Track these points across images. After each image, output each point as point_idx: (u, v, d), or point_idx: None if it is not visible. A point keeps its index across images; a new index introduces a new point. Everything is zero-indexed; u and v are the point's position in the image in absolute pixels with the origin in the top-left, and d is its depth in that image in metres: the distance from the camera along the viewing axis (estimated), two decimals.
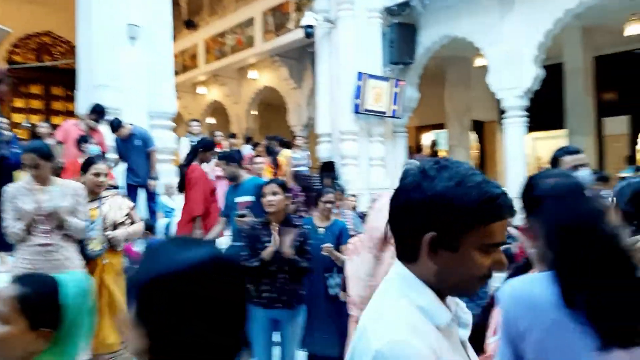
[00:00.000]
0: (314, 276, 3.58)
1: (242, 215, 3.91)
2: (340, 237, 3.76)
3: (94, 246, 3.19)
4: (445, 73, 11.42)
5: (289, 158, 8.03)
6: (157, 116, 6.37)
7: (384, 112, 8.33)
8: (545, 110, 9.82)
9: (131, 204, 3.67)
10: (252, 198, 4.06)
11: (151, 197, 5.87)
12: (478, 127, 12.59)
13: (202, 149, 5.09)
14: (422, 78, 9.16)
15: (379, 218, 2.25)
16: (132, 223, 3.46)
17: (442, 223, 0.85)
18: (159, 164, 6.03)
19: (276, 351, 3.32)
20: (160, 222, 6.03)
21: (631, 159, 9.31)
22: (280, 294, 3.16)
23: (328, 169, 7.42)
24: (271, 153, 7.79)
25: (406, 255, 0.90)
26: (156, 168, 5.90)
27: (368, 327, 0.86)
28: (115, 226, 3.34)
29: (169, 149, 6.43)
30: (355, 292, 2.43)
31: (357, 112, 7.98)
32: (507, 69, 7.10)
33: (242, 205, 4.10)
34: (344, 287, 3.28)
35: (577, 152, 2.42)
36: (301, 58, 11.66)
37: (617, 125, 10.52)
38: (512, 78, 7.05)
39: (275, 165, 7.49)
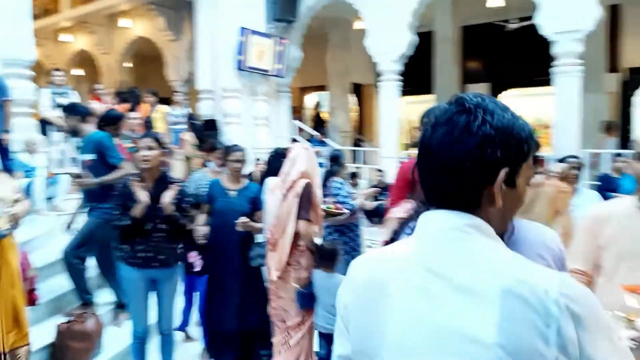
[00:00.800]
0: (226, 246, 3.44)
1: (78, 176, 3.62)
2: (255, 201, 3.50)
3: (1, 225, 2.80)
4: (328, 34, 11.56)
5: (166, 114, 7.66)
6: (12, 64, 5.65)
7: (267, 70, 8.25)
8: (416, 75, 10.43)
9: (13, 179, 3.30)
10: (93, 156, 3.72)
11: (5, 154, 5.25)
12: (357, 90, 13.05)
13: (103, 124, 4.18)
14: (306, 38, 9.19)
15: (292, 166, 3.05)
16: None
17: (513, 157, 0.83)
18: (16, 118, 5.41)
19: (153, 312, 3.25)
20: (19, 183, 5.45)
21: None
22: (157, 253, 3.06)
23: (210, 127, 7.23)
24: (126, 100, 7.25)
25: (463, 204, 0.84)
26: (10, 121, 5.28)
27: (516, 284, 0.77)
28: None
29: (27, 100, 5.77)
30: (268, 222, 3.14)
31: (240, 69, 7.81)
32: (383, 33, 7.38)
33: (85, 164, 3.76)
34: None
35: None
36: (179, 7, 11.00)
37: (479, 92, 11.54)
38: (388, 42, 7.35)
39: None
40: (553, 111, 6.52)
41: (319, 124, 10.31)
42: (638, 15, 10.37)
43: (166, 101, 8.32)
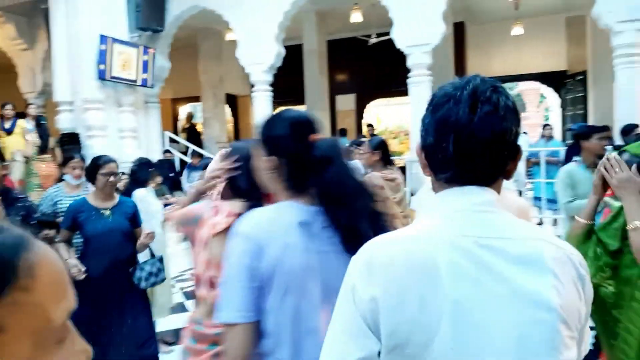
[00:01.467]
0: (111, 276, 2.98)
1: None
2: (134, 218, 3.17)
3: None
4: (200, 45, 11.45)
5: (24, 129, 7.05)
6: None
7: (133, 80, 7.94)
8: (288, 86, 10.75)
9: None
10: None
11: None
12: (232, 100, 13.06)
13: None
14: (177, 49, 9.01)
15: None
16: None
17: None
18: None
19: None
20: None
21: (343, 132, 10.85)
22: None
23: (71, 141, 6.78)
24: None
25: (491, 179, 0.89)
26: None
27: (550, 249, 0.85)
28: None
29: None
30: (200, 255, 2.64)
31: (102, 78, 7.42)
32: (253, 44, 7.53)
33: None
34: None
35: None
36: (32, 14, 10.15)
37: (346, 102, 12.22)
38: (258, 54, 7.51)
39: None
40: (410, 118, 7.14)
41: (192, 135, 10.14)
42: (479, 31, 11.77)
43: (22, 115, 7.64)
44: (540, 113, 24.83)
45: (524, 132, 9.23)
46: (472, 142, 0.84)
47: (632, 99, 5.92)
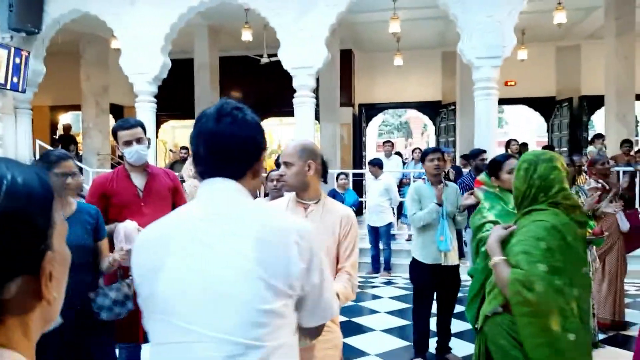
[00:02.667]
0: (67, 298, 1.99)
1: None
2: (97, 229, 2.48)
3: None
4: (83, 51, 10.88)
5: None
6: None
7: (2, 84, 7.34)
8: (178, 100, 10.59)
9: None
10: None
11: None
12: (119, 111, 12.50)
13: None
14: (57, 54, 8.49)
15: None
16: None
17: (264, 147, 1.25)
18: None
19: None
20: None
21: None
22: None
23: None
24: None
25: (236, 174, 1.18)
26: None
27: (275, 222, 1.17)
28: None
29: None
30: None
31: None
32: (137, 54, 7.33)
33: None
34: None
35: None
36: None
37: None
38: (142, 63, 7.32)
39: None
40: (295, 137, 7.35)
41: (66, 144, 9.51)
42: (366, 59, 12.49)
43: None
44: (424, 139, 26.70)
45: (397, 153, 9.92)
46: (216, 145, 1.16)
47: (489, 127, 6.65)
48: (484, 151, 5.46)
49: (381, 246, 6.92)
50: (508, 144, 7.86)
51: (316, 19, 6.92)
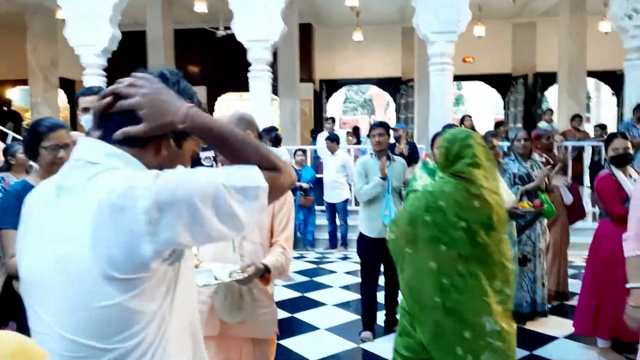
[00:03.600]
0: None
1: None
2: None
3: None
4: (29, 23, 10.31)
5: None
6: None
7: None
8: (128, 74, 10.18)
9: None
10: None
11: None
12: (70, 85, 12.00)
13: None
14: (2, 26, 7.99)
15: None
16: None
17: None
18: None
19: None
20: None
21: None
22: None
23: None
24: None
25: (136, 143, 0.97)
26: None
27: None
28: None
29: None
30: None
31: None
32: (84, 25, 6.99)
33: None
34: None
35: None
36: None
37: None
38: (90, 35, 7.00)
39: None
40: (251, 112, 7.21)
41: (12, 120, 9.08)
42: (327, 34, 12.34)
43: None
44: (387, 116, 26.83)
45: (354, 129, 9.96)
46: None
47: (443, 103, 6.70)
48: (450, 125, 5.52)
49: (338, 222, 6.95)
50: (462, 120, 7.96)
51: None
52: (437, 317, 2.17)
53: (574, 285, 4.94)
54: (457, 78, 11.64)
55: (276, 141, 6.43)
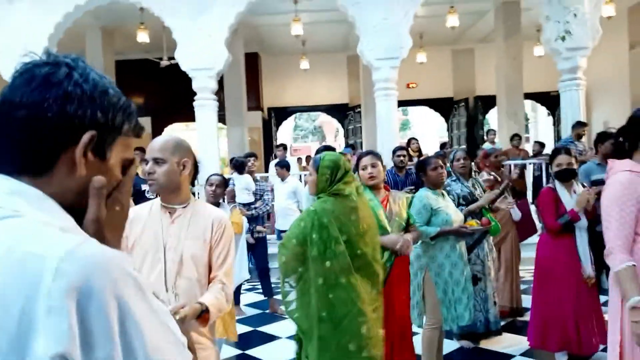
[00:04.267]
0: None
1: None
2: None
3: None
4: None
5: None
6: None
7: None
8: None
9: None
10: None
11: None
12: None
13: None
14: None
15: None
16: None
17: (102, 122, 0.71)
18: None
19: None
20: None
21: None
22: None
23: None
24: None
25: (31, 167, 0.68)
26: None
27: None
28: None
29: None
30: None
31: None
32: (17, 56, 6.68)
33: None
34: None
35: None
36: None
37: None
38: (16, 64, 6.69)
39: None
40: (196, 142, 7.05)
41: None
42: (273, 62, 12.39)
43: None
44: (337, 143, 27.12)
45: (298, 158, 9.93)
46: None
47: (390, 126, 6.80)
48: (400, 148, 5.61)
49: None
50: (409, 143, 8.10)
51: (214, 19, 6.71)
52: (323, 332, 2.25)
53: (527, 300, 4.99)
54: (402, 103, 11.99)
55: (241, 167, 6.11)
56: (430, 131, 21.77)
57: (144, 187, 4.98)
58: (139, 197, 5.10)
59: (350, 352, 2.24)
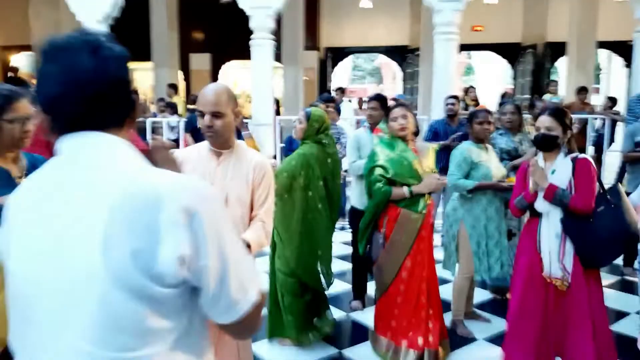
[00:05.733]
0: None
1: None
2: None
3: None
4: None
5: None
6: None
7: None
8: (132, 41, 10.10)
9: None
10: None
11: None
12: None
13: None
14: None
15: None
16: None
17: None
18: None
19: None
20: None
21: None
22: None
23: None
24: None
25: (109, 123, 0.89)
26: None
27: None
28: None
29: None
30: None
31: None
32: None
33: None
34: None
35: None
36: None
37: (201, 62, 11.88)
38: (91, 1, 6.94)
39: None
40: (251, 81, 7.13)
41: (19, 86, 9.09)
42: (333, 1, 12.09)
43: None
44: (395, 86, 26.49)
45: (349, 100, 9.85)
46: (94, 85, 0.86)
47: (447, 73, 6.60)
48: (452, 96, 5.48)
49: None
50: (466, 91, 7.86)
51: None
52: (298, 242, 3.04)
53: None
54: (466, 47, 11.48)
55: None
56: (495, 77, 20.77)
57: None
58: (197, 133, 5.35)
59: (319, 255, 3.15)
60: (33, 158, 1.97)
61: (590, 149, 7.64)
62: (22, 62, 12.96)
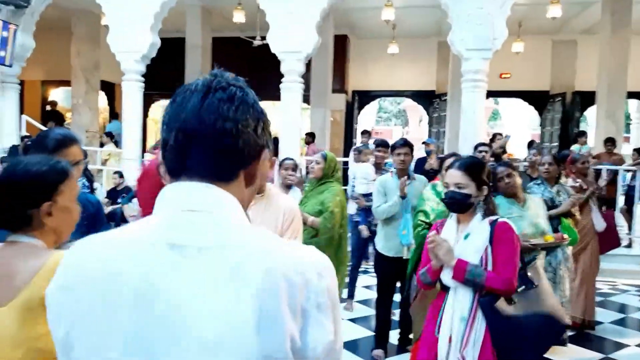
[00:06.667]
0: None
1: None
2: (94, 223, 2.05)
3: None
4: (74, 27, 10.76)
5: None
6: None
7: None
8: (168, 79, 10.48)
9: None
10: None
11: None
12: (110, 88, 12.42)
13: None
14: (48, 29, 8.37)
15: None
16: None
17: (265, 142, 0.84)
18: None
19: None
20: None
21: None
22: None
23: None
24: None
25: (220, 172, 0.77)
26: None
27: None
28: None
29: None
30: None
31: None
32: (125, 31, 7.25)
33: None
34: None
35: None
36: None
37: None
38: (130, 42, 7.25)
39: None
40: (280, 123, 7.27)
41: (54, 120, 9.43)
42: (362, 46, 12.38)
43: None
44: (420, 129, 26.59)
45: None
46: (200, 130, 0.74)
47: (474, 119, 6.62)
48: (482, 144, 5.43)
49: None
50: (493, 138, 7.84)
51: (307, 2, 6.84)
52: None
53: (601, 314, 4.80)
54: (493, 94, 11.54)
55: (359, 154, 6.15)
56: (521, 124, 20.70)
57: (127, 211, 5.22)
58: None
59: (338, 257, 3.53)
60: (83, 196, 1.76)
61: (621, 199, 7.48)
62: (60, 96, 13.52)
